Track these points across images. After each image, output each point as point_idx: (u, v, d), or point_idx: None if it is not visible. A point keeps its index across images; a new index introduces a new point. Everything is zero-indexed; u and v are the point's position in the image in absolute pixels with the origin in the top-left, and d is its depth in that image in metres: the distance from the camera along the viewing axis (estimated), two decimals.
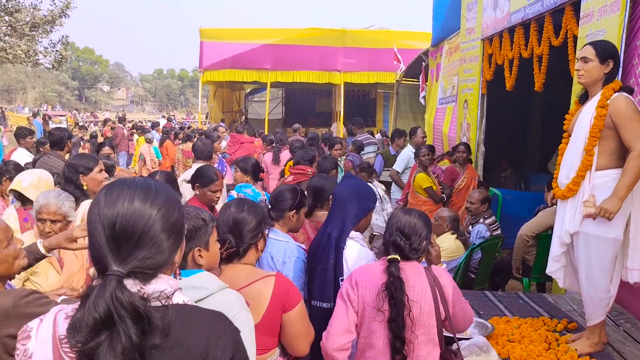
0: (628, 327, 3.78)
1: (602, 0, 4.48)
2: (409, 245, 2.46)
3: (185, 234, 1.81)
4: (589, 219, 3.15)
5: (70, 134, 5.93)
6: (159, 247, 1.26)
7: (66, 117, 31.85)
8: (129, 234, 1.22)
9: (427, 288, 2.42)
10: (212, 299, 1.91)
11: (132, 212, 1.23)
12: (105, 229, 1.22)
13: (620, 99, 3.10)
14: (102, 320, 1.16)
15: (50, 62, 18.21)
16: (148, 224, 1.24)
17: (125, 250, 1.22)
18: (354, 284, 2.47)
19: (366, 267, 2.58)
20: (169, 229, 1.28)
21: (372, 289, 2.42)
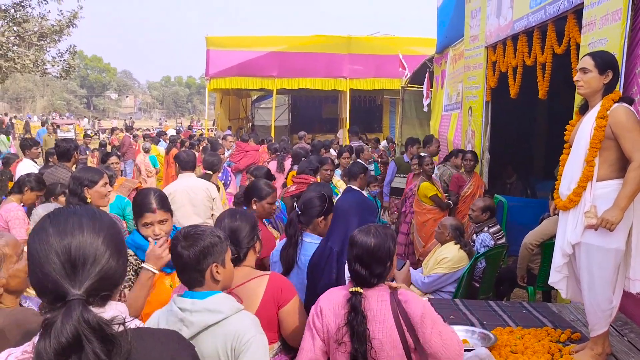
0: (632, 338, 3.75)
1: (604, 9, 4.48)
2: (369, 274, 2.33)
3: (203, 250, 2.09)
4: (591, 230, 3.15)
5: (77, 145, 5.99)
6: (111, 269, 1.31)
7: (74, 126, 32.04)
8: (84, 259, 1.27)
9: (389, 318, 2.29)
10: (227, 322, 2.00)
11: (83, 239, 1.28)
12: (61, 256, 1.25)
13: (619, 110, 3.10)
14: (69, 344, 1.18)
15: (58, 71, 18.35)
16: (99, 249, 1.30)
17: (82, 275, 1.26)
18: (319, 312, 2.38)
19: (331, 294, 2.43)
20: (116, 252, 1.34)
21: (336, 319, 2.32)
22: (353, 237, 2.40)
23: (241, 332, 1.99)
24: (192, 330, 2.01)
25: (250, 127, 22.74)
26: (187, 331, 2.01)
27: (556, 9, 5.42)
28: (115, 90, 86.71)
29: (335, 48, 18.27)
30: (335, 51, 18.25)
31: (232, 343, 2.00)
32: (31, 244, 1.29)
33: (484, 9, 7.72)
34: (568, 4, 5.19)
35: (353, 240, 2.38)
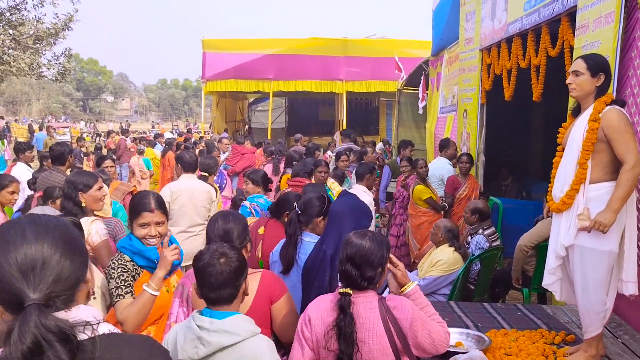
0: (627, 339, 3.76)
1: (597, 12, 4.50)
2: (360, 275, 2.30)
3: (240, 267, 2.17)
4: (584, 232, 3.16)
5: (71, 149, 5.98)
6: (64, 270, 1.29)
7: (70, 129, 31.99)
8: (32, 265, 1.26)
9: (379, 324, 2.27)
10: (244, 344, 2.04)
11: (27, 247, 1.28)
12: (12, 265, 1.25)
13: (612, 112, 3.11)
14: (30, 351, 1.16)
15: (54, 74, 18.33)
16: (46, 255, 1.28)
17: (34, 280, 1.25)
18: (307, 321, 2.35)
19: (320, 301, 2.41)
20: (68, 252, 1.32)
21: (324, 325, 2.30)
22: (348, 237, 2.39)
23: (257, 356, 2.03)
24: (208, 350, 2.04)
25: (247, 130, 22.74)
26: (204, 350, 2.04)
27: (550, 12, 5.43)
28: (111, 93, 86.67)
29: (332, 50, 18.32)
30: (332, 54, 18.30)
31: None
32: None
33: (479, 12, 7.74)
34: (562, 6, 5.21)
35: (348, 240, 2.37)
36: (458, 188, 6.94)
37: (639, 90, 3.97)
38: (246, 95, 24.55)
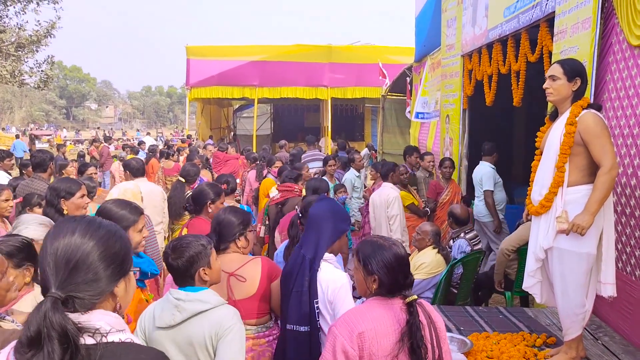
0: (606, 341, 3.80)
1: (575, 18, 4.57)
2: (409, 282, 2.26)
3: (190, 259, 2.45)
4: (563, 235, 3.19)
5: (52, 156, 5.93)
6: (96, 274, 1.34)
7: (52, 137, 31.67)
8: (67, 260, 1.32)
9: (426, 327, 2.21)
10: (213, 311, 2.39)
11: (71, 243, 1.34)
12: (49, 256, 1.32)
13: (588, 116, 3.15)
14: (33, 339, 1.22)
15: (36, 82, 18.16)
16: (85, 253, 1.34)
17: (63, 275, 1.31)
18: (356, 337, 2.13)
19: (366, 312, 2.21)
20: (107, 258, 1.37)
21: (385, 338, 2.14)
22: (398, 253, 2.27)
23: (224, 320, 2.36)
24: (184, 315, 2.37)
25: (232, 137, 22.68)
26: (180, 316, 2.37)
27: (529, 18, 5.51)
28: (95, 101, 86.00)
29: (316, 57, 18.35)
30: (316, 60, 18.33)
31: (215, 329, 2.35)
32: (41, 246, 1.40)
33: (460, 18, 7.82)
34: (540, 12, 5.28)
35: (401, 256, 2.26)
36: (440, 193, 6.97)
37: (616, 95, 4.04)
38: (231, 102, 24.50)
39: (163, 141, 28.64)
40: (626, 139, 3.85)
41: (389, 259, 2.23)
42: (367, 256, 2.26)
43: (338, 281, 2.73)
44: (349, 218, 3.17)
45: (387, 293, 2.22)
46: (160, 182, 9.59)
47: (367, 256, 2.26)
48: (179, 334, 2.35)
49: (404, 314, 2.18)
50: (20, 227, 3.09)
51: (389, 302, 2.22)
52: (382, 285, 2.23)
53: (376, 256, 2.24)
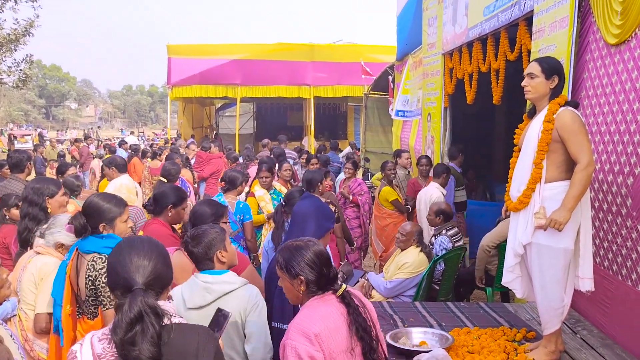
0: (585, 335, 3.86)
1: (552, 16, 4.63)
2: (334, 274, 2.37)
3: (207, 244, 2.78)
4: (541, 230, 3.23)
5: (29, 156, 5.85)
6: (162, 272, 1.92)
7: (32, 136, 31.23)
8: (145, 264, 1.87)
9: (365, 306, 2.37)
10: (240, 290, 2.74)
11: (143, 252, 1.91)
12: (132, 262, 1.87)
13: (565, 114, 3.20)
14: (135, 318, 1.72)
15: (14, 81, 17.91)
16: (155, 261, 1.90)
17: (144, 273, 1.86)
18: (314, 339, 2.16)
19: (311, 314, 2.24)
20: (164, 263, 1.95)
21: (338, 332, 2.21)
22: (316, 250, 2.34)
23: (251, 298, 2.72)
24: (214, 296, 2.69)
25: (214, 136, 22.58)
26: (210, 297, 2.69)
27: (508, 17, 5.57)
28: (75, 100, 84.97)
29: (299, 56, 18.34)
30: (299, 59, 18.32)
31: (244, 305, 2.71)
32: (110, 257, 1.94)
33: (441, 17, 7.87)
34: (519, 11, 5.34)
35: (319, 252, 2.33)
36: (419, 191, 7.00)
37: (593, 93, 4.10)
38: (213, 101, 24.38)
39: (144, 140, 28.41)
40: (603, 136, 3.92)
41: (310, 257, 2.29)
42: (287, 260, 2.31)
43: None
44: (333, 216, 3.18)
45: (318, 290, 2.29)
46: (147, 182, 9.52)
47: (288, 260, 2.31)
48: (210, 312, 2.48)
49: (342, 306, 2.27)
50: (53, 230, 3.38)
51: (326, 299, 2.28)
52: (309, 284, 2.28)
53: (296, 257, 2.30)
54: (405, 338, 3.65)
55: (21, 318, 3.28)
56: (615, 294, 3.73)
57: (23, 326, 3.26)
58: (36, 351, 3.24)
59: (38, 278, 3.25)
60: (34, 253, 3.39)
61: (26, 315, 3.27)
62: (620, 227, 3.65)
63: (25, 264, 3.34)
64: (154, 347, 1.71)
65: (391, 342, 3.53)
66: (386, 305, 4.56)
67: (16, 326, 3.26)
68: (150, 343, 1.71)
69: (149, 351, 1.70)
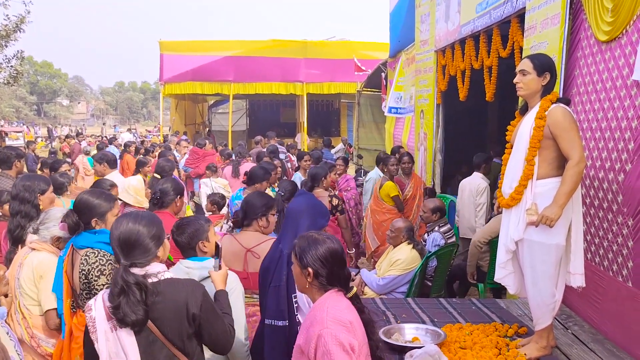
0: (576, 330, 3.89)
1: (544, 13, 4.65)
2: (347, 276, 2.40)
3: (190, 235, 2.96)
4: (532, 227, 3.25)
5: (19, 154, 5.81)
6: (146, 248, 2.32)
7: (23, 133, 31.01)
8: (128, 240, 2.30)
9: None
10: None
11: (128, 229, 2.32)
12: (116, 240, 2.30)
13: (557, 110, 3.21)
14: (119, 291, 2.19)
15: (5, 77, 17.76)
16: (137, 235, 2.31)
17: (127, 251, 2.29)
18: (350, 326, 2.20)
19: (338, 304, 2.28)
20: (152, 237, 2.35)
21: (360, 325, 2.29)
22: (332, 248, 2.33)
23: (228, 283, 2.79)
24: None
25: (207, 133, 22.52)
26: None
27: (500, 14, 5.58)
28: (66, 97, 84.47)
29: (291, 52, 18.31)
30: (292, 55, 18.29)
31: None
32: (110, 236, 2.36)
33: (433, 14, 7.88)
34: (511, 8, 5.36)
35: (335, 250, 2.33)
36: (403, 189, 7.01)
37: (584, 90, 4.13)
38: (206, 98, 24.31)
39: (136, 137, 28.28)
40: (594, 132, 3.94)
41: (322, 252, 2.31)
42: (302, 249, 2.34)
43: None
44: (328, 213, 3.18)
45: (328, 284, 2.30)
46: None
47: (302, 249, 2.34)
48: None
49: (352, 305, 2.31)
50: (48, 224, 3.42)
51: (340, 294, 2.31)
52: (317, 277, 2.30)
53: (310, 249, 2.32)
54: (398, 334, 3.67)
55: (25, 316, 3.28)
56: (606, 289, 3.76)
57: (28, 324, 3.27)
58: (43, 347, 3.28)
59: (37, 275, 3.27)
60: (29, 249, 3.39)
61: (29, 312, 3.29)
62: (611, 223, 3.68)
63: (21, 260, 3.35)
64: (137, 311, 2.18)
65: (384, 338, 3.54)
66: (379, 302, 4.57)
67: (20, 324, 3.27)
68: (132, 310, 2.17)
69: (133, 314, 2.17)
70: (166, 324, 2.26)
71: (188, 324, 2.29)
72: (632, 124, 3.46)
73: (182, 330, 2.29)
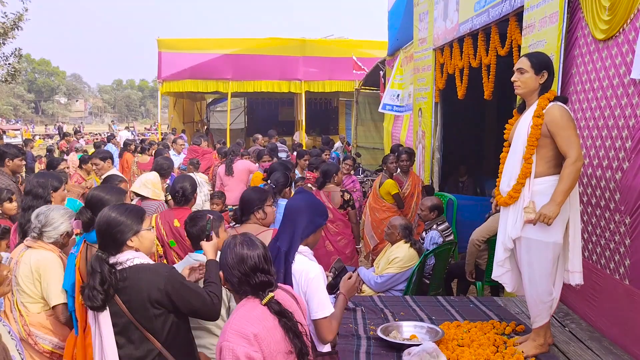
0: (573, 328, 3.91)
1: (542, 12, 4.65)
2: (272, 277, 2.29)
3: (201, 228, 3.17)
4: (530, 225, 3.26)
5: (22, 151, 5.83)
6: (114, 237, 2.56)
7: (21, 131, 30.96)
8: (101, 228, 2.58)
9: (294, 303, 2.34)
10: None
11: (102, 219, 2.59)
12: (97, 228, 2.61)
13: (555, 109, 3.22)
14: (92, 270, 2.49)
15: (3, 75, 17.73)
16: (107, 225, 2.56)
17: (102, 239, 2.58)
18: (253, 339, 2.11)
19: (248, 314, 2.19)
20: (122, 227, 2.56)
21: (274, 335, 2.18)
22: (239, 253, 2.25)
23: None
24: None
25: (205, 131, 22.50)
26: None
27: (499, 12, 5.59)
28: (64, 94, 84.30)
29: (290, 51, 18.27)
30: (290, 54, 18.24)
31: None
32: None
33: (432, 12, 7.88)
34: (509, 7, 5.36)
35: (241, 256, 2.24)
36: (401, 186, 7.01)
37: (581, 88, 4.14)
38: (204, 96, 24.27)
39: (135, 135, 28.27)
40: (591, 130, 3.95)
41: (232, 258, 2.24)
42: (221, 252, 2.31)
43: (311, 272, 2.74)
44: (326, 212, 3.18)
45: (236, 291, 2.26)
46: (135, 177, 9.48)
47: (221, 252, 2.31)
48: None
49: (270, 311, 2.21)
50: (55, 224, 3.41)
51: (254, 302, 2.22)
52: (227, 282, 2.26)
53: (224, 254, 2.28)
54: (396, 332, 3.68)
55: (22, 313, 3.29)
56: (603, 287, 3.77)
57: (25, 321, 3.28)
58: (40, 344, 3.29)
59: (36, 274, 3.28)
60: (25, 247, 3.40)
61: (26, 310, 3.29)
62: (609, 221, 3.69)
63: (17, 258, 3.36)
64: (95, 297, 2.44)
65: (382, 336, 3.55)
66: (377, 300, 4.59)
67: (17, 321, 3.28)
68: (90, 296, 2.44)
69: (89, 300, 2.46)
70: (134, 307, 2.48)
71: (152, 306, 2.48)
72: (630, 122, 3.47)
73: (149, 312, 2.49)
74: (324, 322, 2.64)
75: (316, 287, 2.73)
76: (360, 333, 3.79)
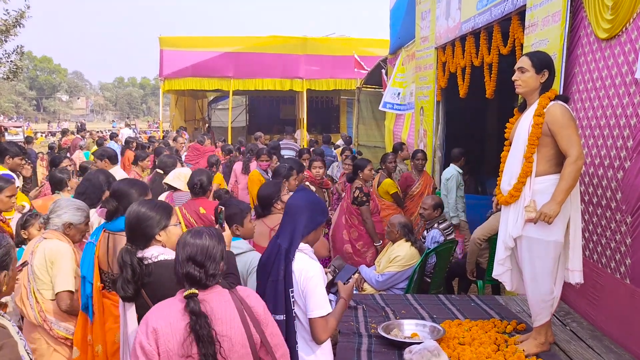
0: (574, 327, 3.91)
1: (545, 11, 4.65)
2: (204, 274, 2.22)
3: (228, 216, 3.32)
4: (531, 223, 3.26)
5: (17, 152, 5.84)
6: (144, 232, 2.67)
7: (22, 129, 31.00)
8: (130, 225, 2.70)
9: (235, 315, 2.23)
10: (245, 254, 3.40)
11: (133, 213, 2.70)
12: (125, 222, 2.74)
13: (556, 108, 3.22)
14: (122, 263, 2.57)
15: (5, 72, 17.72)
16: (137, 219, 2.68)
17: (131, 234, 2.69)
18: (150, 333, 2.14)
19: (163, 308, 2.23)
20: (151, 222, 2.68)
21: (177, 333, 2.14)
22: (183, 238, 2.29)
23: (253, 261, 3.29)
24: None
25: (206, 129, 22.52)
26: None
27: (501, 11, 5.59)
28: (66, 92, 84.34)
29: (292, 49, 18.28)
30: (292, 52, 18.26)
31: (247, 267, 3.34)
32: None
33: (434, 11, 7.88)
34: (512, 5, 5.36)
35: (184, 241, 2.27)
36: (411, 185, 7.01)
37: (584, 87, 4.14)
38: (205, 94, 24.29)
39: (137, 133, 28.29)
40: (593, 130, 3.95)
41: (178, 254, 2.26)
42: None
43: (310, 271, 2.75)
44: (327, 211, 3.18)
45: (179, 285, 2.26)
46: (135, 175, 9.48)
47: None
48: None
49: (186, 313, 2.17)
50: (59, 212, 3.55)
51: (179, 296, 2.22)
52: (181, 281, 2.27)
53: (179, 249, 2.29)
54: (397, 330, 3.69)
55: (38, 300, 3.41)
56: (604, 286, 3.77)
57: (41, 307, 3.40)
58: (55, 330, 3.41)
59: (49, 262, 3.41)
60: (41, 238, 3.54)
61: (42, 296, 3.42)
62: (610, 220, 3.69)
63: (32, 249, 3.50)
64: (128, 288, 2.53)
65: (383, 334, 3.56)
66: (378, 298, 4.59)
67: (33, 308, 3.40)
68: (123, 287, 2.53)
69: (122, 291, 2.55)
70: (157, 301, 2.44)
71: None
72: (631, 121, 3.47)
73: None
74: (319, 322, 2.66)
75: (314, 286, 2.74)
76: (362, 331, 3.80)
